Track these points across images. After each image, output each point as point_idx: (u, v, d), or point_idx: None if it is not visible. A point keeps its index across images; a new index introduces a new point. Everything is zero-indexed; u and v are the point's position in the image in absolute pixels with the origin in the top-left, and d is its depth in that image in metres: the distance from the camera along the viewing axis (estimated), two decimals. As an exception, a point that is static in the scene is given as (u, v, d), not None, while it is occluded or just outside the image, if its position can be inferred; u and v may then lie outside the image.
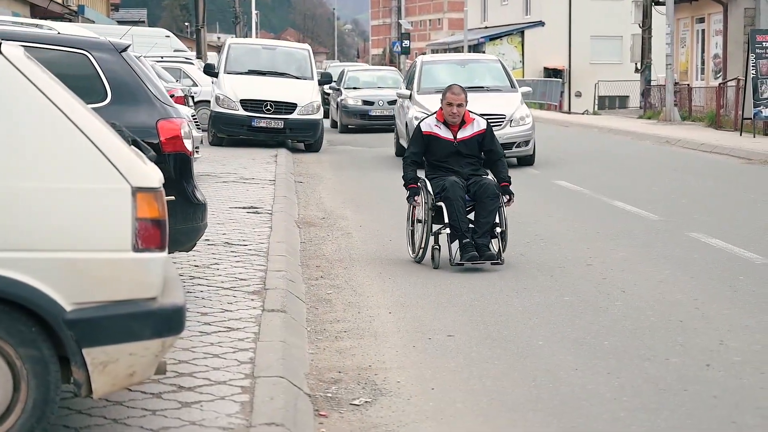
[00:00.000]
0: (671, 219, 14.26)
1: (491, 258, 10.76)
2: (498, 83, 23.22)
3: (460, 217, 10.83)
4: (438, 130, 11.25)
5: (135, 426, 5.75)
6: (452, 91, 11.26)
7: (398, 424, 6.30)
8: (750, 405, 6.57)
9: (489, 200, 10.91)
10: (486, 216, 10.89)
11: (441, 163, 11.23)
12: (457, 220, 10.81)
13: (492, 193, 10.96)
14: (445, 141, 11.21)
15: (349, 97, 34.34)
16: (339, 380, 7.16)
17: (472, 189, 11.06)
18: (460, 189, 10.93)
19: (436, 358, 7.71)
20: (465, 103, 11.21)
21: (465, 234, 10.81)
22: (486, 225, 10.87)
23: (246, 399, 6.26)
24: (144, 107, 8.46)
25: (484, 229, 10.86)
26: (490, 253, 10.78)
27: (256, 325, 8.03)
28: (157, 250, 5.23)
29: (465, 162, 11.22)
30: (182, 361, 7.01)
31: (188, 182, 8.62)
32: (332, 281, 10.43)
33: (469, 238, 10.79)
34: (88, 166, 5.14)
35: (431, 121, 11.38)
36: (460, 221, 10.82)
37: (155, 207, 5.23)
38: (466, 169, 11.19)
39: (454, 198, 10.85)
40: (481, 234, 10.84)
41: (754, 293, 9.71)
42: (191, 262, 10.52)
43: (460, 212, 10.84)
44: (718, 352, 7.78)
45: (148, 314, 5.18)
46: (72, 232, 5.09)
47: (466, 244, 10.77)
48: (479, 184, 11.01)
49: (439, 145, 11.23)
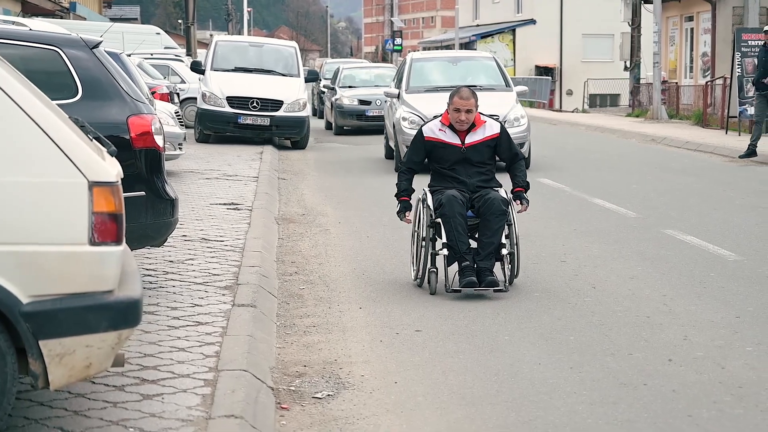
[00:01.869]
0: (648, 216, 14.34)
1: (493, 285, 9.42)
2: (492, 82, 22.08)
3: (458, 237, 9.54)
4: (443, 134, 9.96)
5: (95, 418, 5.82)
6: (460, 95, 9.91)
7: (358, 417, 6.37)
8: (708, 399, 6.65)
9: (494, 218, 9.60)
10: (490, 236, 9.60)
11: (447, 171, 9.94)
12: (454, 239, 9.53)
13: (497, 209, 9.61)
14: (452, 147, 9.92)
15: (344, 97, 32.40)
16: (303, 374, 7.24)
17: (476, 204, 9.76)
18: (459, 204, 9.61)
19: (402, 353, 7.79)
20: (475, 109, 9.89)
21: (464, 256, 9.55)
22: (489, 246, 9.58)
23: (208, 392, 6.33)
24: (115, 103, 8.53)
25: (487, 251, 9.57)
26: (492, 279, 9.44)
27: (225, 319, 8.11)
28: (113, 244, 5.30)
29: (474, 171, 9.91)
30: (148, 354, 7.08)
31: (159, 178, 8.68)
32: (306, 277, 10.50)
33: (469, 260, 9.53)
34: (44, 160, 5.21)
35: (434, 125, 10.08)
36: (458, 241, 9.53)
37: (112, 201, 5.30)
38: (474, 179, 9.88)
39: (451, 214, 9.56)
40: (484, 256, 9.56)
41: (722, 289, 9.80)
42: (166, 257, 10.58)
43: (458, 231, 9.54)
44: (681, 347, 7.86)
45: (104, 307, 5.25)
46: (28, 225, 5.16)
47: (466, 267, 9.51)
48: (484, 199, 9.68)
49: (444, 151, 9.94)
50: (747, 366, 7.35)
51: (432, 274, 9.64)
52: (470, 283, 9.41)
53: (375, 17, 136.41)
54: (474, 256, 9.60)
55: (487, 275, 9.46)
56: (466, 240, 9.62)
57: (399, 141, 20.49)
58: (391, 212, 14.80)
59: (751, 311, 8.95)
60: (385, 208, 15.33)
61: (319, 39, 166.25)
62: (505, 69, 23.27)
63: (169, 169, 18.77)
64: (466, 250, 9.57)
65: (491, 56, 24.13)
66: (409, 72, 22.43)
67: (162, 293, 8.93)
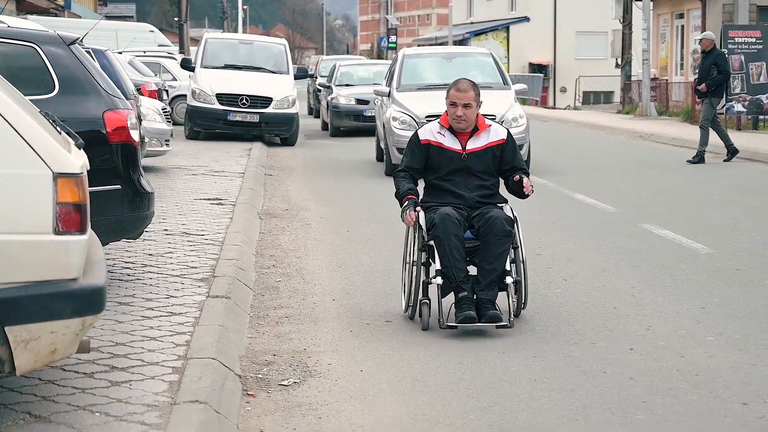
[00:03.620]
0: (627, 211, 14.52)
1: (495, 320, 8.03)
2: (489, 79, 20.28)
3: (454, 263, 8.14)
4: (441, 138, 8.60)
5: (63, 403, 5.98)
6: (457, 86, 8.58)
7: (321, 404, 6.54)
8: (664, 386, 6.82)
9: (497, 240, 8.19)
10: (492, 261, 8.20)
11: (443, 182, 8.57)
12: (450, 266, 8.15)
13: (501, 230, 8.19)
14: (451, 152, 8.55)
15: (340, 96, 30.55)
16: (272, 362, 7.40)
17: (476, 223, 8.38)
18: (455, 224, 8.22)
19: (370, 342, 7.95)
20: (476, 104, 8.54)
21: (461, 285, 8.15)
22: (491, 274, 8.20)
23: (175, 379, 6.49)
24: (91, 99, 8.69)
25: (488, 279, 8.19)
26: (494, 313, 8.05)
27: (199, 310, 8.27)
28: (77, 233, 5.46)
29: (475, 184, 8.54)
30: (120, 343, 7.24)
31: (134, 171, 8.85)
32: (283, 270, 10.66)
33: (467, 290, 8.15)
34: (10, 152, 5.37)
35: (432, 126, 8.72)
36: (453, 268, 8.14)
37: (76, 192, 5.47)
38: (474, 193, 8.52)
39: (445, 236, 8.16)
40: (485, 285, 8.19)
41: (691, 281, 9.97)
42: (146, 250, 10.75)
43: (454, 256, 8.15)
44: (644, 336, 8.04)
45: (69, 294, 5.41)
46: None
47: (463, 299, 8.13)
48: (485, 218, 8.28)
49: (442, 157, 8.56)
50: (706, 355, 7.52)
51: (424, 306, 8.25)
52: (468, 318, 8.00)
53: (371, 15, 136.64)
54: (473, 285, 8.21)
55: (489, 309, 8.09)
56: (464, 266, 8.23)
57: (389, 143, 19.41)
58: (375, 208, 15.10)
59: (717, 302, 9.13)
60: (369, 204, 15.56)
61: (315, 37, 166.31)
62: (502, 65, 21.96)
63: (156, 165, 18.99)
64: (463, 279, 8.17)
65: (488, 52, 22.52)
66: (401, 69, 21.11)
67: (139, 285, 9.09)
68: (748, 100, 28.04)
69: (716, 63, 21.57)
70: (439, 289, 8.23)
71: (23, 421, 5.67)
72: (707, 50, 21.83)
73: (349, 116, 30.21)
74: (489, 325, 8.04)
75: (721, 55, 22.05)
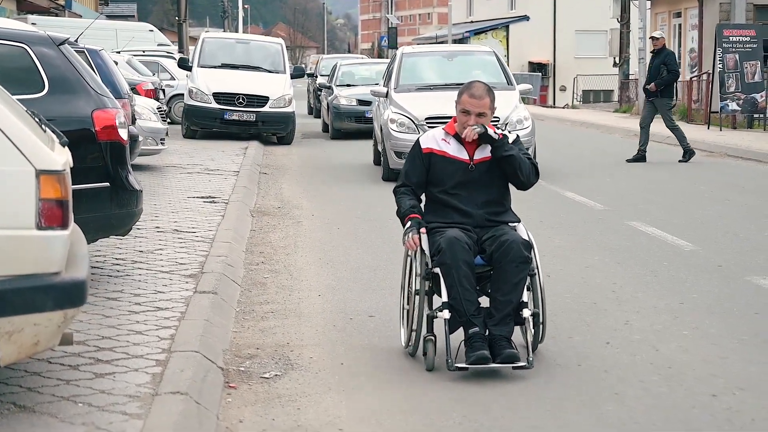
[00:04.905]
0: (616, 209, 14.69)
1: (511, 359, 7.01)
2: (492, 79, 19.04)
3: (464, 294, 7.13)
4: (446, 146, 7.58)
5: (47, 394, 6.14)
6: (471, 91, 7.57)
7: (301, 395, 6.70)
8: (636, 378, 6.98)
9: (513, 267, 7.18)
10: (507, 292, 7.18)
11: (447, 197, 7.53)
12: (458, 298, 7.13)
13: (518, 256, 7.18)
14: (457, 162, 7.52)
15: (341, 96, 29.28)
16: (255, 356, 7.56)
17: (488, 247, 7.36)
18: (464, 249, 7.20)
19: (353, 337, 8.12)
20: (491, 113, 7.55)
21: (472, 320, 7.13)
22: (506, 306, 7.17)
23: (158, 371, 6.65)
24: (80, 98, 8.86)
25: (503, 313, 7.16)
26: (510, 353, 7.02)
27: (185, 305, 8.43)
28: (59, 228, 5.64)
29: (483, 200, 7.52)
30: (106, 336, 7.41)
31: (123, 169, 9.01)
32: (272, 266, 10.83)
33: (479, 325, 7.12)
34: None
35: (437, 133, 7.69)
36: (463, 300, 7.12)
37: (58, 188, 5.64)
38: (482, 210, 7.50)
39: (454, 264, 7.15)
40: (499, 320, 7.15)
41: (672, 277, 10.14)
42: (137, 247, 10.91)
43: (464, 286, 7.13)
44: (620, 331, 8.20)
45: (51, 287, 5.58)
46: (-22, 211, 5.49)
47: (475, 336, 7.10)
48: (499, 242, 7.26)
49: (446, 168, 7.54)
50: (680, 348, 7.69)
51: (429, 344, 7.23)
52: (481, 358, 6.98)
53: (372, 14, 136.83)
54: (485, 319, 7.19)
55: (504, 347, 7.07)
56: (475, 298, 7.20)
57: (387, 146, 18.58)
58: (367, 206, 15.25)
59: (695, 298, 9.29)
60: (361, 202, 15.72)
61: (316, 36, 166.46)
62: (506, 65, 20.95)
63: (151, 163, 19.16)
64: (474, 312, 7.14)
65: (491, 50, 21.39)
66: (399, 68, 20.09)
67: (128, 281, 9.26)
68: (743, 98, 28.23)
69: (666, 62, 21.64)
70: (446, 324, 7.13)
71: (8, 411, 5.83)
72: (657, 49, 21.90)
73: (350, 118, 28.96)
74: (504, 366, 7.02)
75: (670, 55, 22.12)
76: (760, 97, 28.31)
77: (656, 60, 21.71)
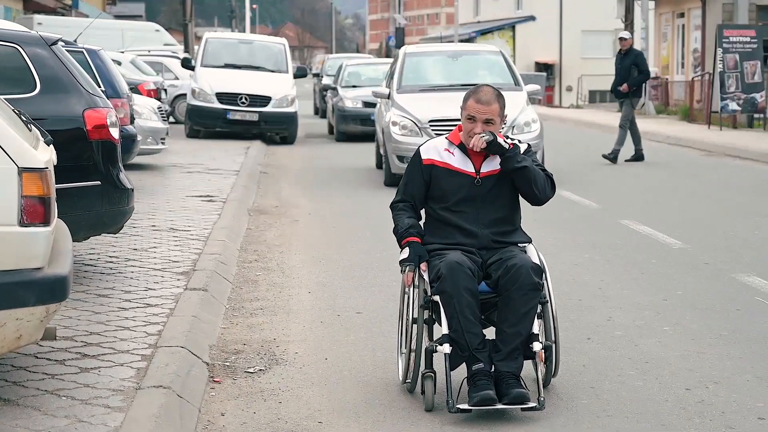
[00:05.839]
0: (609, 207, 14.81)
1: (520, 400, 6.22)
2: (499, 80, 18.42)
3: (466, 326, 6.34)
4: (450, 157, 6.74)
5: (32, 387, 6.27)
6: (478, 96, 6.75)
7: (283, 389, 6.83)
8: (613, 373, 7.11)
9: (521, 296, 6.37)
10: (515, 323, 6.39)
11: (449, 215, 6.70)
12: (460, 330, 6.33)
13: (527, 283, 6.37)
14: (461, 176, 6.69)
15: (346, 98, 28.20)
16: (241, 351, 7.69)
17: (494, 272, 6.53)
18: (466, 275, 6.39)
19: (339, 333, 8.24)
20: (500, 120, 6.74)
21: (476, 355, 6.35)
22: (514, 339, 6.38)
23: (143, 366, 6.78)
24: (72, 97, 8.99)
25: (510, 346, 6.37)
26: (519, 393, 6.23)
27: (175, 302, 8.56)
28: (42, 225, 5.77)
29: (490, 218, 6.69)
30: (94, 332, 7.54)
31: (114, 168, 9.14)
32: (265, 264, 10.95)
33: (483, 361, 6.34)
34: (-24, 148, 5.68)
35: (439, 143, 6.85)
36: (465, 332, 6.33)
37: (40, 185, 5.77)
38: (489, 229, 6.67)
39: (455, 292, 6.35)
40: (506, 354, 6.37)
41: (659, 275, 10.25)
42: (131, 245, 11.04)
43: (466, 317, 6.34)
44: (603, 327, 8.32)
45: (33, 283, 5.71)
46: (-38, 208, 5.63)
47: (479, 373, 6.32)
48: (506, 266, 6.45)
49: (449, 182, 6.70)
50: (659, 344, 7.81)
51: (427, 381, 6.45)
52: (486, 399, 6.21)
53: (380, 14, 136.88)
54: (491, 353, 6.41)
55: (512, 386, 6.28)
56: (479, 330, 6.41)
57: (389, 149, 17.78)
58: (364, 206, 15.38)
59: (680, 295, 9.41)
60: (359, 202, 15.86)
61: (325, 36, 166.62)
62: (513, 64, 19.94)
63: (152, 163, 19.30)
64: (478, 346, 6.36)
65: (497, 50, 20.50)
66: (402, 68, 19.19)
67: (119, 278, 9.39)
68: (743, 98, 28.33)
69: (636, 63, 21.74)
70: (447, 360, 6.34)
71: (-8, 404, 5.97)
72: (625, 50, 21.97)
73: (355, 120, 27.86)
74: (513, 407, 6.25)
75: (640, 55, 22.22)
76: (760, 97, 28.41)
77: (626, 60, 21.80)
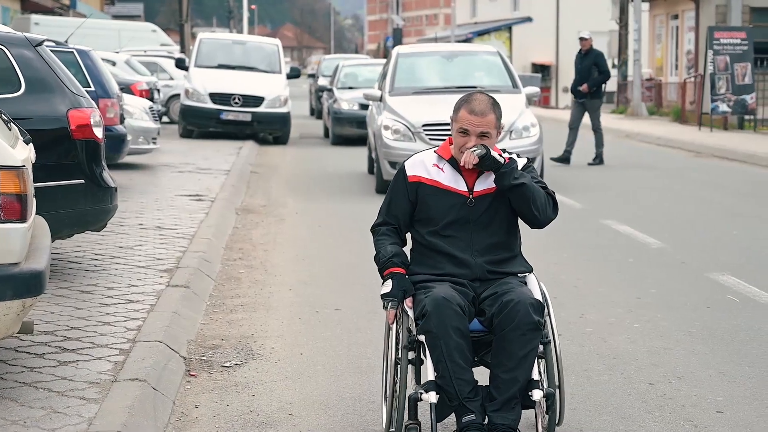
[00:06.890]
0: (593, 208, 14.98)
1: None
2: (496, 82, 17.85)
3: (455, 371, 5.42)
4: (439, 174, 5.82)
5: (10, 380, 6.44)
6: (470, 106, 5.71)
7: (258, 383, 7.00)
8: (580, 368, 7.28)
9: (519, 337, 5.43)
10: (512, 368, 5.45)
11: (439, 241, 5.80)
12: (448, 377, 5.42)
13: (526, 322, 5.42)
14: (452, 195, 5.77)
15: (342, 100, 27.56)
16: (219, 346, 7.86)
17: (487, 309, 5.60)
18: (455, 314, 5.46)
19: (316, 329, 8.41)
20: (496, 132, 5.74)
21: (466, 404, 5.43)
22: (511, 386, 5.45)
23: (121, 359, 6.96)
24: (56, 97, 9.16)
25: (506, 395, 5.44)
26: None
27: (156, 298, 8.73)
28: (18, 221, 5.93)
29: (484, 244, 5.78)
30: (74, 327, 7.71)
31: (98, 167, 9.31)
32: (249, 262, 11.12)
33: (475, 411, 5.43)
34: (-45, 147, 5.85)
35: (426, 158, 5.89)
36: (453, 378, 5.41)
37: (17, 183, 5.93)
38: (483, 258, 5.76)
39: (442, 333, 5.43)
40: (501, 404, 5.44)
41: (637, 273, 10.43)
42: (117, 243, 11.21)
43: (455, 361, 5.42)
44: (575, 323, 8.49)
45: (10, 278, 5.87)
46: (-60, 205, 5.80)
47: (469, 425, 5.40)
48: (502, 302, 5.52)
49: (438, 202, 5.78)
50: (628, 340, 7.98)
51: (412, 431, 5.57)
52: None
53: (379, 14, 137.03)
54: (484, 402, 5.49)
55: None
56: (470, 376, 5.49)
57: (380, 155, 16.96)
58: (351, 205, 15.55)
59: (654, 293, 9.58)
60: (347, 202, 15.99)
61: (324, 37, 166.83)
62: (512, 66, 19.05)
63: (144, 162, 19.47)
64: (469, 394, 5.45)
65: (495, 50, 19.61)
66: (395, 70, 18.30)
67: (103, 275, 9.56)
68: (733, 100, 28.52)
69: (597, 63, 21.91)
70: (433, 410, 5.42)
71: (-30, 396, 6.14)
72: (586, 50, 22.11)
73: (351, 123, 27.03)
74: None
75: (600, 56, 22.40)
76: (750, 99, 28.61)
77: (585, 61, 21.96)
